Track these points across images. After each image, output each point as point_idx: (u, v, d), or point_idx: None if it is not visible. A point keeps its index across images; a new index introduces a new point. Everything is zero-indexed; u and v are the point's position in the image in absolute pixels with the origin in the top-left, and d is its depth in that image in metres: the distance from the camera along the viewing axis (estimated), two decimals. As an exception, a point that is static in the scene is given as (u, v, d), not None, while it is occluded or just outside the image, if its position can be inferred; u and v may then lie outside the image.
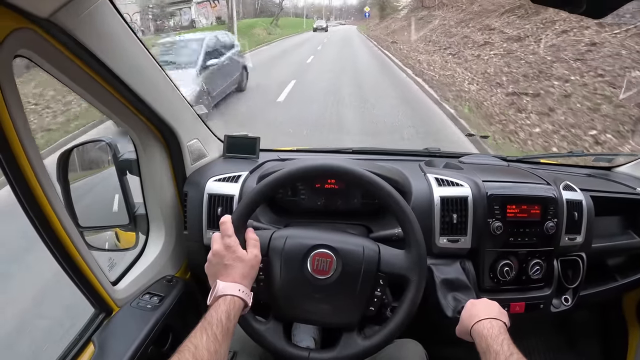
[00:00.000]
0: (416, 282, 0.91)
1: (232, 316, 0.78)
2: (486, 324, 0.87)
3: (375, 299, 0.93)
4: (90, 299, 1.06)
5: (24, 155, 0.79)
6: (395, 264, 0.94)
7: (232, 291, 0.81)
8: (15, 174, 0.79)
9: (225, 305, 0.79)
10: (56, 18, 0.77)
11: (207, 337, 0.72)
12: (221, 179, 1.27)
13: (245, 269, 0.86)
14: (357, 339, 0.92)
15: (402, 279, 0.93)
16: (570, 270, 1.30)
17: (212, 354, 0.70)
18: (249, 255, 0.88)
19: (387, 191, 0.93)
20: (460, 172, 1.30)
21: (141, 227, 1.29)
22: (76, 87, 0.92)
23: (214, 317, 0.76)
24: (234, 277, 0.84)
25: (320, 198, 1.33)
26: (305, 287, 0.93)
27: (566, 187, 1.28)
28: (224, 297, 0.80)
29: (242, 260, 0.86)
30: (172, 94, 1.19)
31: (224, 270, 0.85)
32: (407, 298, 0.91)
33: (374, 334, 0.92)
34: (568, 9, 0.78)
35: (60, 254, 0.93)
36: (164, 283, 1.23)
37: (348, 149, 1.62)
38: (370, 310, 0.94)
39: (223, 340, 0.74)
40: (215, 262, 0.87)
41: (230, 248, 0.86)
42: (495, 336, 0.82)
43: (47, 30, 0.79)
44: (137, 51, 1.01)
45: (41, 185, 0.84)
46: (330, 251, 0.93)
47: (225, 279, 0.83)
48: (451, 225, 1.19)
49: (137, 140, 1.17)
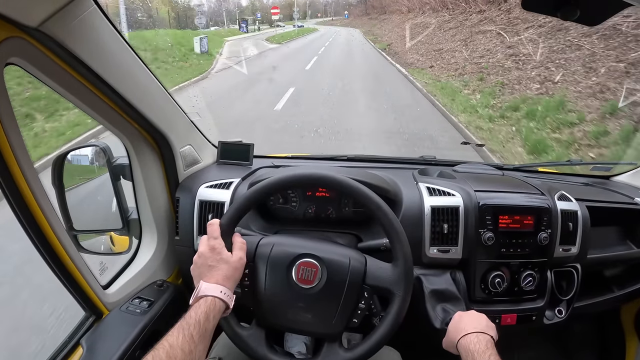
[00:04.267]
0: (401, 296, 0.91)
1: (211, 317, 0.79)
2: (473, 338, 0.86)
3: (359, 311, 0.93)
4: (80, 302, 1.07)
5: (14, 159, 0.80)
6: (381, 277, 0.93)
7: (213, 292, 0.82)
8: (5, 178, 0.81)
9: (206, 306, 0.79)
10: (46, 27, 0.78)
11: (183, 336, 0.72)
12: (213, 185, 1.28)
13: (229, 271, 0.86)
14: (338, 350, 0.92)
15: (387, 293, 0.93)
16: (565, 282, 1.29)
17: (186, 353, 0.70)
18: (233, 257, 0.89)
19: (375, 203, 0.93)
20: (452, 182, 1.29)
21: (134, 232, 1.30)
22: (68, 94, 0.94)
23: (193, 317, 0.76)
24: (216, 279, 0.84)
25: (311, 206, 1.33)
26: (289, 295, 0.93)
27: (561, 197, 1.26)
28: (204, 298, 0.81)
29: (226, 262, 0.87)
30: (164, 101, 1.20)
31: (207, 272, 0.86)
32: (392, 312, 0.91)
33: (356, 346, 0.92)
34: (561, 16, 0.78)
35: (50, 257, 0.94)
36: (154, 288, 1.23)
37: (343, 156, 1.62)
38: (354, 322, 0.93)
39: (199, 341, 0.74)
40: (200, 264, 0.88)
41: (215, 250, 0.87)
42: (482, 352, 0.82)
43: (38, 39, 0.80)
44: (128, 58, 1.02)
45: (31, 190, 0.85)
46: (315, 261, 0.93)
47: (208, 280, 0.84)
48: (442, 235, 1.18)
49: (130, 147, 1.18)
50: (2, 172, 0.80)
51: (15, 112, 0.81)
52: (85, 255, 1.09)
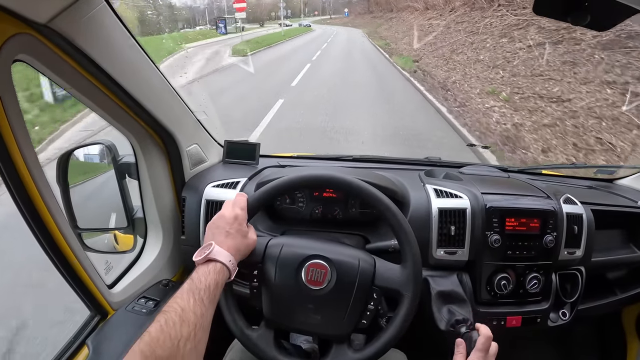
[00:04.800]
0: (410, 297, 0.91)
1: (219, 285, 0.79)
2: None
3: (368, 312, 0.93)
4: (85, 301, 1.06)
5: (21, 158, 0.79)
6: (390, 278, 0.93)
7: (224, 259, 0.81)
8: (12, 177, 0.80)
9: (215, 274, 0.79)
10: (54, 24, 0.77)
11: (194, 300, 0.72)
12: (219, 184, 1.28)
13: (242, 245, 0.87)
14: (347, 352, 0.92)
15: (396, 294, 0.92)
16: (569, 284, 1.29)
17: (198, 316, 0.70)
18: (249, 234, 0.90)
19: (385, 204, 0.93)
20: (459, 183, 1.29)
21: (139, 231, 1.30)
22: (75, 92, 0.93)
23: (203, 282, 0.76)
24: (229, 246, 0.84)
25: (318, 206, 1.33)
26: (298, 297, 0.93)
27: (567, 200, 1.26)
28: (214, 264, 0.80)
29: (243, 236, 0.88)
30: (171, 99, 1.19)
31: (223, 236, 0.85)
32: (400, 313, 0.90)
33: (365, 347, 0.92)
34: (571, 21, 0.78)
35: (56, 256, 0.94)
36: (160, 287, 1.23)
37: (349, 156, 1.61)
38: (363, 323, 0.93)
39: (209, 306, 0.74)
40: (218, 225, 0.87)
41: (237, 219, 0.88)
42: None
43: (46, 36, 0.79)
44: (136, 56, 1.02)
45: (38, 188, 0.84)
46: (325, 262, 0.93)
47: (221, 245, 0.83)
48: (449, 237, 1.18)
49: (136, 145, 1.17)
50: (9, 170, 0.79)
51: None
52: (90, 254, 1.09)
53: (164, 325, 0.66)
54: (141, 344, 0.63)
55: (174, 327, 0.66)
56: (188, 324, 0.68)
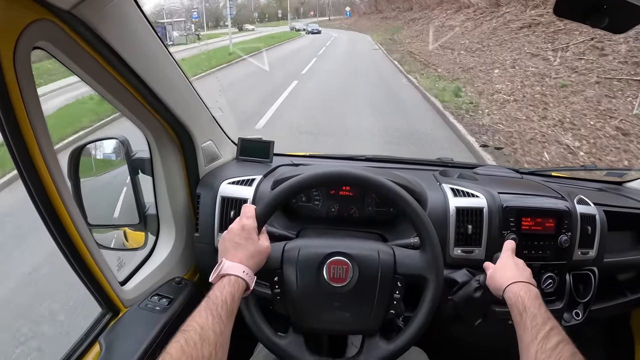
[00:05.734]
0: (434, 280, 0.91)
1: (236, 298, 0.77)
2: (523, 287, 0.88)
3: (395, 301, 0.93)
4: (97, 298, 1.04)
5: (38, 150, 0.78)
6: (412, 264, 0.93)
7: (236, 271, 0.80)
8: (28, 169, 0.78)
9: (230, 286, 0.78)
10: (78, 11, 0.76)
11: (212, 317, 0.70)
12: (235, 182, 1.26)
13: (255, 253, 0.86)
14: (380, 343, 0.91)
15: (420, 280, 0.93)
16: (582, 285, 1.29)
17: (217, 334, 0.69)
18: (261, 241, 0.88)
19: (396, 192, 0.93)
20: (475, 183, 1.29)
21: (151, 228, 1.28)
22: (92, 81, 0.91)
23: (219, 297, 0.74)
24: (240, 258, 0.83)
25: (334, 204, 1.32)
26: (323, 296, 0.92)
27: (580, 200, 1.27)
28: (228, 278, 0.79)
29: (253, 243, 0.86)
30: (189, 95, 1.18)
31: (233, 249, 0.85)
32: (427, 298, 0.91)
33: (397, 337, 0.91)
34: (590, 23, 0.79)
35: (70, 251, 0.91)
36: (173, 285, 1.21)
37: (361, 156, 1.61)
38: (391, 313, 0.93)
39: (227, 322, 0.73)
40: (227, 239, 0.87)
41: (244, 229, 0.87)
42: (533, 299, 0.84)
43: (68, 23, 0.78)
44: (156, 49, 1.00)
45: (54, 182, 0.82)
46: (345, 258, 0.92)
47: (232, 259, 0.83)
48: (466, 236, 1.18)
49: (152, 140, 1.16)
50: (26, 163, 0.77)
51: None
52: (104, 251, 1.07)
53: (184, 346, 0.64)
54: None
55: (195, 347, 0.65)
56: (209, 343, 0.66)
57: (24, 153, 0.77)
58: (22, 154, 0.76)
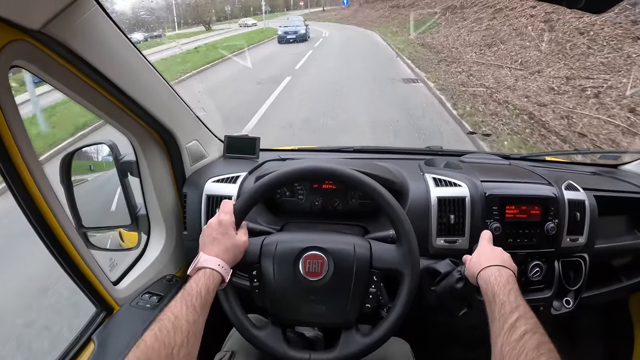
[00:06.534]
0: (409, 274, 0.92)
1: (210, 289, 0.81)
2: (494, 271, 0.88)
3: (370, 295, 0.94)
4: (91, 298, 1.08)
5: (21, 159, 0.81)
6: (387, 258, 0.95)
7: (211, 265, 0.84)
8: (13, 178, 0.82)
9: (205, 279, 0.81)
10: (48, 29, 0.78)
11: (186, 307, 0.74)
12: (220, 179, 1.29)
13: (230, 247, 0.89)
14: (356, 337, 0.94)
15: (395, 274, 0.94)
16: (572, 272, 1.28)
17: (190, 323, 0.72)
18: (238, 235, 0.92)
19: (368, 184, 0.95)
20: (459, 172, 1.29)
21: (143, 228, 1.32)
22: (73, 94, 0.95)
23: (194, 288, 0.78)
24: (216, 252, 0.86)
25: (318, 198, 1.33)
26: (300, 290, 0.94)
27: (568, 186, 1.25)
28: (204, 271, 0.83)
29: (229, 237, 0.90)
30: (169, 97, 1.21)
31: (210, 244, 0.88)
32: (403, 292, 0.92)
33: (373, 331, 0.93)
34: (566, 4, 0.77)
35: (60, 254, 0.96)
36: (164, 282, 1.25)
37: (349, 147, 1.61)
38: (367, 307, 0.95)
39: (201, 312, 0.76)
40: (205, 234, 0.91)
41: (222, 224, 0.90)
42: (503, 285, 0.83)
43: (41, 41, 0.81)
44: (131, 56, 1.03)
45: (39, 189, 0.86)
46: (320, 252, 0.94)
47: (208, 252, 0.86)
48: (448, 226, 1.19)
49: (136, 144, 1.19)
50: (10, 172, 0.81)
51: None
52: (95, 251, 1.11)
53: (158, 333, 0.68)
54: (137, 351, 0.65)
55: (168, 335, 0.68)
56: (181, 331, 0.70)
57: (8, 163, 0.80)
58: (6, 164, 0.80)
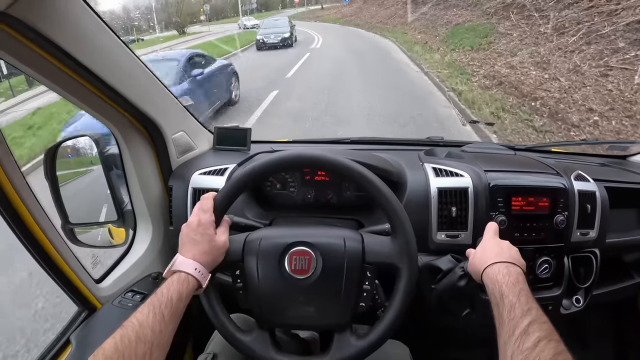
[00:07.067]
0: (407, 269, 0.84)
1: (183, 296, 0.75)
2: (502, 268, 0.80)
3: (364, 293, 0.86)
4: (71, 296, 1.04)
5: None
6: (382, 252, 0.86)
7: (187, 269, 0.78)
8: None
9: (179, 284, 0.75)
10: (14, 10, 0.72)
11: (153, 315, 0.68)
12: (207, 172, 1.23)
13: (210, 249, 0.82)
14: (350, 339, 0.85)
15: (391, 268, 0.85)
16: (582, 268, 1.21)
17: (156, 334, 0.66)
18: (217, 235, 0.85)
19: (360, 173, 0.85)
20: (461, 162, 1.22)
21: (130, 223, 1.27)
22: (49, 82, 0.89)
23: (165, 295, 0.72)
24: (194, 254, 0.80)
25: (310, 191, 1.27)
26: (286, 290, 0.86)
27: (578, 177, 1.18)
28: (178, 275, 0.77)
29: (209, 239, 0.82)
30: (152, 86, 1.15)
31: (188, 244, 0.82)
32: (399, 288, 0.84)
33: (368, 333, 0.85)
34: None
35: (37, 252, 0.91)
36: (149, 280, 1.20)
37: (346, 139, 1.55)
38: (361, 306, 0.86)
39: (170, 321, 0.70)
40: (184, 233, 0.84)
41: (201, 223, 0.83)
42: (512, 285, 0.75)
43: (9, 24, 0.75)
44: (109, 42, 0.97)
45: (13, 185, 0.82)
46: (307, 248, 0.85)
47: (185, 254, 0.80)
48: (450, 219, 1.12)
49: (118, 135, 1.13)
50: None
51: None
52: (77, 248, 1.06)
53: (118, 343, 0.62)
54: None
55: (129, 346, 0.63)
56: (144, 342, 0.64)
57: None
58: None
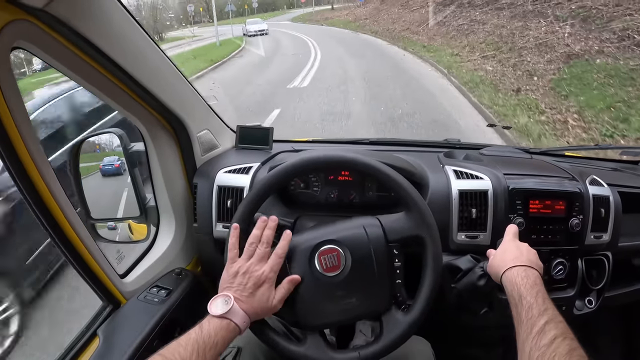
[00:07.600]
0: (429, 237, 0.88)
1: (227, 343, 0.74)
2: (521, 271, 0.83)
3: (397, 270, 0.89)
4: (97, 291, 1.04)
5: (24, 148, 0.77)
6: (401, 227, 0.90)
7: (239, 322, 0.76)
8: (16, 168, 0.78)
9: (228, 332, 0.74)
10: (51, 8, 0.74)
11: (196, 356, 0.67)
12: (231, 170, 1.25)
13: (264, 309, 0.81)
14: (397, 316, 0.88)
15: (414, 240, 0.89)
16: (595, 271, 1.23)
17: None
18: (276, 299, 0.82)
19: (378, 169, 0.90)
20: (480, 165, 1.24)
21: (152, 220, 1.28)
22: (77, 77, 0.90)
23: (212, 338, 0.71)
24: (248, 308, 0.78)
25: (333, 190, 1.29)
26: (324, 290, 0.87)
27: (592, 181, 1.20)
28: (228, 322, 0.75)
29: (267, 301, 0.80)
30: (179, 84, 1.16)
31: (248, 296, 0.79)
32: (429, 256, 0.88)
33: (412, 306, 0.88)
34: None
35: (65, 247, 0.92)
36: (173, 276, 1.21)
37: (365, 139, 1.57)
38: (398, 283, 0.90)
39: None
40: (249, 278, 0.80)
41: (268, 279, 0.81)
42: (530, 287, 0.78)
43: (44, 21, 0.76)
44: (139, 40, 0.98)
45: (43, 179, 0.82)
46: (333, 245, 0.88)
47: (241, 305, 0.78)
48: (470, 221, 1.14)
49: (145, 132, 1.15)
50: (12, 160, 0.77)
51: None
52: (103, 244, 1.08)
53: None
54: None
55: None
56: None
57: (11, 153, 0.76)
58: (9, 154, 0.76)
